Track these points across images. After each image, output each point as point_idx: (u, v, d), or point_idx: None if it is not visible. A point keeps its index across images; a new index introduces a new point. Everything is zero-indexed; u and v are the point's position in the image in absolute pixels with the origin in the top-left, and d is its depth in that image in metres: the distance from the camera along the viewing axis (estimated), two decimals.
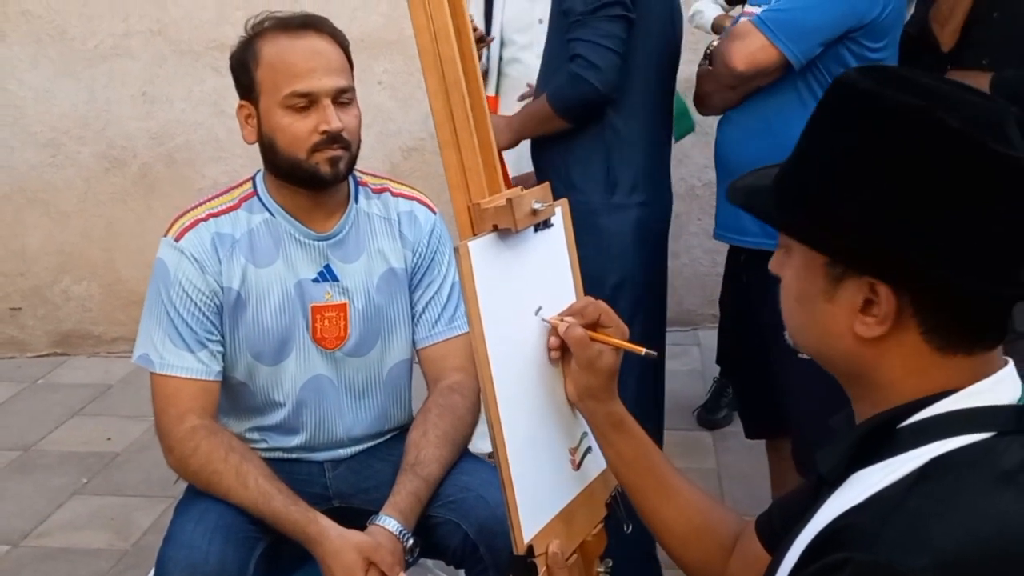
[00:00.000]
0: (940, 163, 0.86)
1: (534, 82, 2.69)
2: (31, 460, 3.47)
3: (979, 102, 0.90)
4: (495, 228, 1.20)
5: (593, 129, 2.37)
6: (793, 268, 1.00)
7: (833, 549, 0.88)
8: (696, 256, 4.27)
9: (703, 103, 2.43)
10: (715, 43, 2.33)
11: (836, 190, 0.92)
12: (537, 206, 1.24)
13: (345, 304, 1.85)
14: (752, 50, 2.15)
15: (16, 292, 4.42)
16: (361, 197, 1.90)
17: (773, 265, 1.04)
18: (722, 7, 3.48)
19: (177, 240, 1.78)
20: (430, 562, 1.96)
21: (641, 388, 2.44)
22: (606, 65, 2.26)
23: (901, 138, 0.88)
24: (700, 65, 2.42)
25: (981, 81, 2.29)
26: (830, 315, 0.96)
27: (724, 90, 2.30)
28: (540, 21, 2.85)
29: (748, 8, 2.33)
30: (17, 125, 4.27)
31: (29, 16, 4.20)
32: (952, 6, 2.37)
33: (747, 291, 2.30)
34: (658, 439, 2.63)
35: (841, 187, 0.91)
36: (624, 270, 2.39)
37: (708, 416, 3.62)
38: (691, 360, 3.99)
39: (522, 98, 2.70)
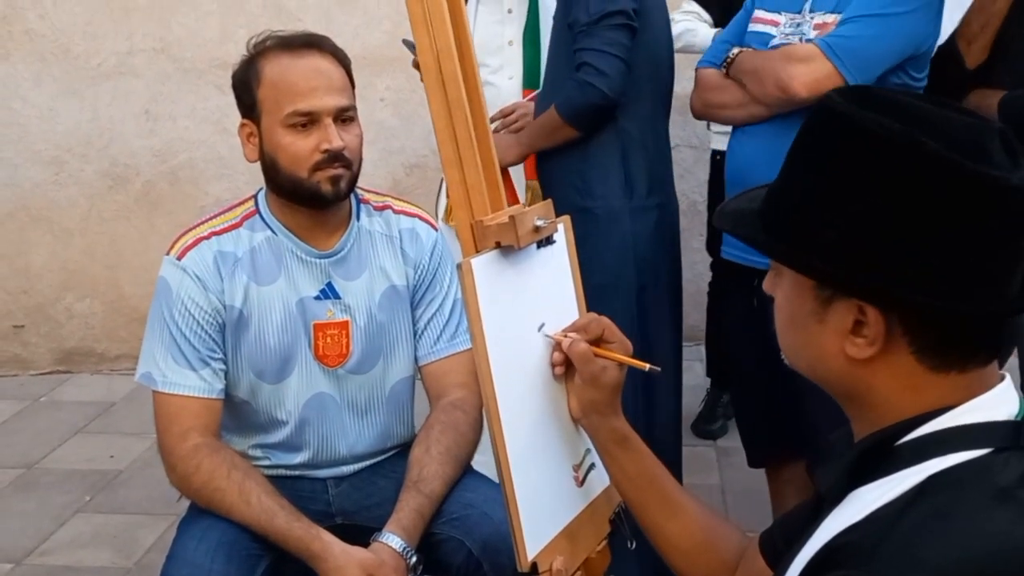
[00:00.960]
0: (919, 186, 0.87)
1: (506, 104, 2.73)
2: (34, 478, 3.46)
3: (961, 121, 0.91)
4: (498, 245, 1.21)
5: (608, 135, 2.41)
6: (784, 290, 1.00)
7: (830, 567, 0.88)
8: (699, 272, 4.26)
9: (710, 114, 2.38)
10: (736, 53, 2.25)
11: (818, 214, 0.92)
12: (540, 223, 1.24)
13: (347, 321, 1.85)
14: (818, 77, 2.06)
15: (19, 310, 4.42)
16: (363, 214, 1.91)
17: (767, 286, 1.04)
18: (710, 25, 3.44)
19: (179, 258, 1.79)
20: None
21: (659, 403, 2.46)
22: (613, 71, 2.31)
23: (880, 162, 0.88)
24: (700, 68, 2.35)
25: (996, 100, 2.27)
26: (821, 337, 0.96)
27: (752, 106, 2.22)
28: (510, 43, 2.84)
29: (764, 15, 2.25)
30: (21, 143, 4.29)
31: (33, 35, 4.22)
32: (983, 23, 2.34)
33: (759, 315, 2.26)
34: (676, 454, 2.63)
35: (823, 211, 0.92)
36: (649, 273, 2.46)
37: (705, 427, 3.65)
38: (695, 376, 3.97)
39: (491, 120, 2.70)
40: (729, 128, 3.42)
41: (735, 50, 2.27)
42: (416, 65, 2.66)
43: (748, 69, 2.22)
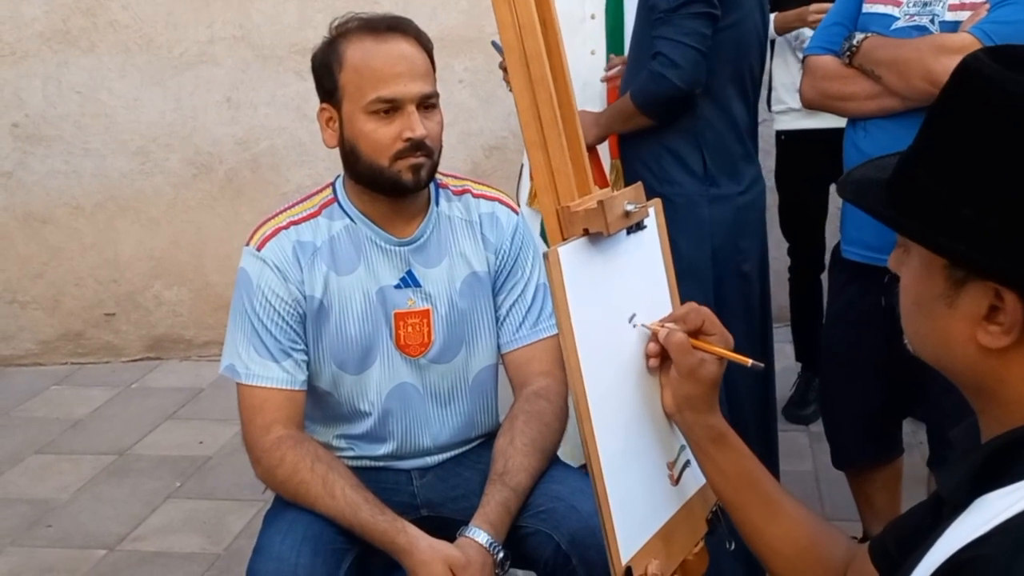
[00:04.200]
0: None
1: (587, 81, 2.65)
2: (126, 464, 3.53)
3: None
4: (586, 232, 1.14)
5: (686, 122, 2.35)
6: (911, 269, 0.91)
7: None
8: (779, 252, 4.13)
9: (830, 105, 2.22)
10: (862, 39, 2.09)
11: (955, 188, 0.83)
12: (630, 208, 1.17)
13: (428, 310, 1.81)
14: None
15: (110, 298, 4.51)
16: (442, 200, 1.86)
17: (892, 263, 0.96)
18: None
19: (259, 249, 1.76)
20: (520, 572, 1.91)
21: (741, 394, 2.38)
22: (687, 63, 2.23)
23: None
24: (813, 55, 2.20)
25: None
26: (950, 322, 0.87)
27: (885, 98, 2.07)
28: (592, 17, 2.75)
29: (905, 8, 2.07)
30: (108, 134, 4.36)
31: (117, 26, 4.28)
32: None
33: (887, 315, 2.12)
34: (769, 446, 2.55)
35: (961, 186, 0.83)
36: (727, 261, 2.37)
37: (797, 412, 3.55)
38: (784, 358, 3.85)
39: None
40: (790, 105, 3.32)
41: (859, 36, 2.11)
42: (503, 67, 2.63)
43: (885, 59, 2.05)
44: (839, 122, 2.43)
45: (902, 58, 2.02)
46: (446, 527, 1.71)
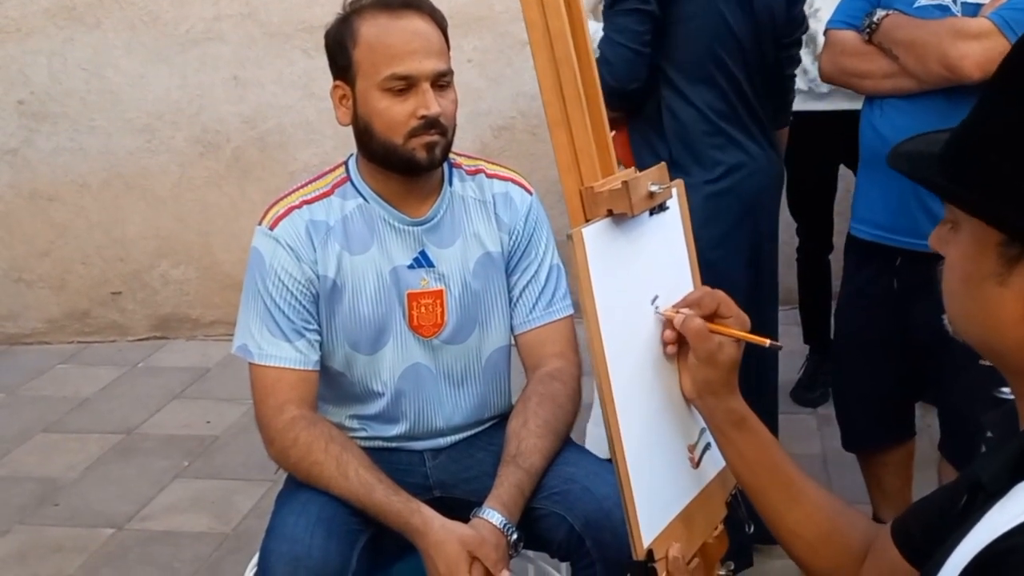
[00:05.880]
0: None
1: None
2: (134, 443, 3.53)
3: None
4: (609, 213, 1.13)
5: (651, 111, 2.34)
6: (960, 246, 0.89)
7: (1000, 574, 0.78)
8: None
9: (847, 81, 2.22)
10: (883, 16, 2.08)
11: (1017, 158, 0.81)
12: (654, 188, 1.16)
13: (441, 290, 1.80)
14: (993, 56, 1.86)
15: (116, 277, 4.50)
16: (455, 180, 1.85)
17: (934, 241, 0.93)
18: None
19: (272, 229, 1.75)
20: (531, 553, 1.91)
21: (752, 373, 2.36)
22: (618, 60, 2.22)
23: None
24: (834, 29, 2.19)
25: None
26: (1001, 301, 0.85)
27: (901, 78, 2.06)
28: None
29: None
30: (114, 111, 4.34)
31: (123, 2, 4.25)
32: None
33: (899, 296, 2.12)
34: (772, 429, 2.55)
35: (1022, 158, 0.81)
36: (697, 251, 2.33)
37: (805, 394, 3.55)
38: (793, 340, 3.84)
39: None
40: (799, 87, 3.29)
41: (880, 13, 2.09)
42: None
43: (903, 40, 2.04)
44: (848, 104, 2.40)
45: (920, 40, 2.00)
46: (459, 508, 1.71)
